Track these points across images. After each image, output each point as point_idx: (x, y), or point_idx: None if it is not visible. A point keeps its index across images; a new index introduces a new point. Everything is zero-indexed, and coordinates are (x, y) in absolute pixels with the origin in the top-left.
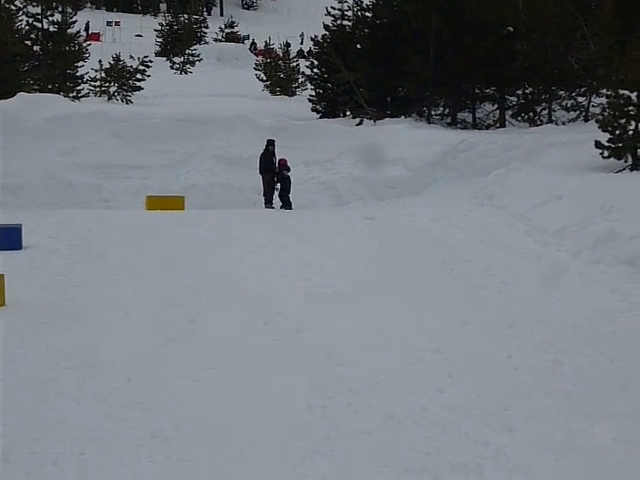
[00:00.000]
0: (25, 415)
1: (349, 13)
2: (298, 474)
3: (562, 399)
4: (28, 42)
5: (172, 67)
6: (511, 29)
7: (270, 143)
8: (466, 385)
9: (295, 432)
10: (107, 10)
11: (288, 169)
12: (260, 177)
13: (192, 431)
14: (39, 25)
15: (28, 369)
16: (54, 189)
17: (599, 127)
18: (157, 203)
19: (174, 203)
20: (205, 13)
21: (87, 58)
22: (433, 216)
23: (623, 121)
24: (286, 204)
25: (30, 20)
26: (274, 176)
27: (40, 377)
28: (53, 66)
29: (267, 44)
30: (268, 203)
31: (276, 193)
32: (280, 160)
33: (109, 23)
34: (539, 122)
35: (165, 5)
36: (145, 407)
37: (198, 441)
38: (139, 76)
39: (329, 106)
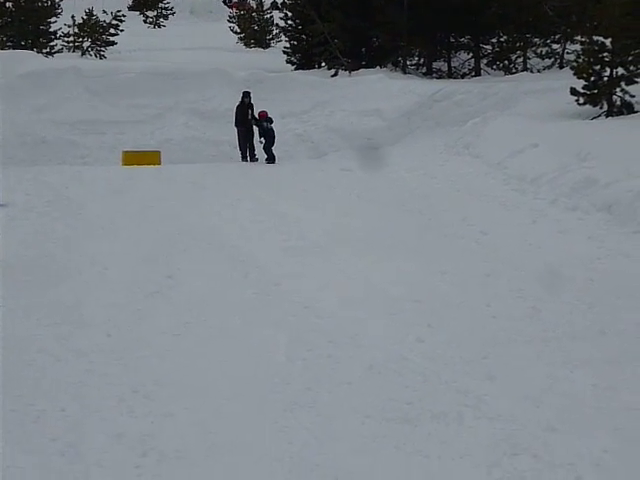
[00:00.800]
0: (5, 373)
1: None
2: (279, 426)
3: (541, 346)
4: None
5: (145, 21)
6: None
7: (245, 95)
8: (445, 334)
9: (275, 385)
10: None
11: (270, 120)
12: (235, 130)
13: (172, 386)
14: None
15: (8, 327)
16: (29, 146)
17: (574, 74)
18: (133, 158)
19: (150, 158)
20: None
21: (60, 14)
22: (409, 166)
23: (598, 67)
24: (270, 157)
25: None
26: (250, 129)
27: (20, 335)
28: (26, 22)
29: None
30: (244, 157)
31: (260, 146)
32: (260, 112)
33: None
34: (514, 70)
35: None
36: (125, 362)
37: (179, 395)
38: (112, 31)
39: (304, 58)
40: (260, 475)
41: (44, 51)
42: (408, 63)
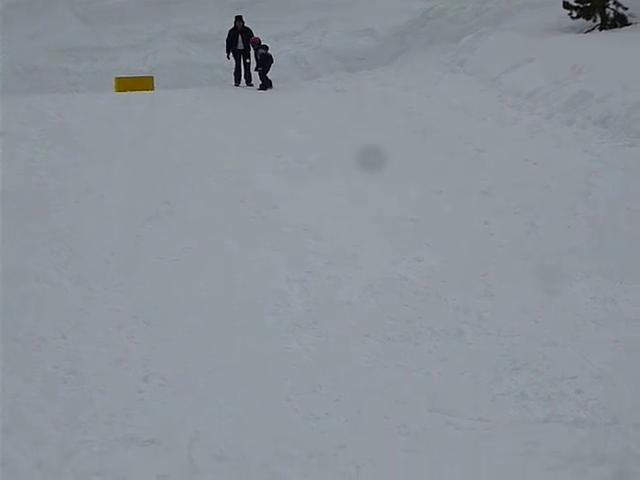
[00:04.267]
0: (5, 302)
1: None
2: (280, 347)
3: (540, 261)
4: None
5: None
6: None
7: (237, 19)
8: (443, 253)
9: (275, 306)
10: None
11: (265, 47)
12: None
13: (172, 310)
14: None
15: (6, 256)
16: (21, 75)
17: None
18: (126, 84)
19: (143, 83)
20: None
21: None
22: (404, 86)
23: None
24: (262, 84)
25: None
26: (242, 54)
27: (18, 264)
28: None
29: None
30: (235, 82)
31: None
32: (252, 39)
33: None
34: None
35: None
36: (124, 289)
37: (179, 320)
38: None
39: None
40: (262, 397)
41: None
42: None
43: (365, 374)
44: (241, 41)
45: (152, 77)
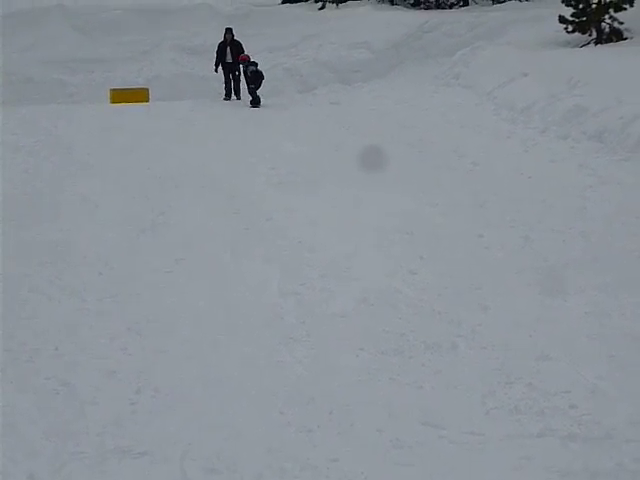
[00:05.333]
0: None
1: None
2: (274, 360)
3: (534, 275)
4: None
5: None
6: None
7: (226, 31)
8: (438, 266)
9: (269, 319)
10: None
11: (255, 64)
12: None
13: (166, 322)
14: None
15: None
16: (15, 86)
17: (562, 2)
18: (121, 96)
19: (138, 95)
20: None
21: None
22: (399, 98)
23: None
24: (253, 101)
25: None
26: (231, 67)
27: (12, 274)
28: None
29: None
30: (226, 95)
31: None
32: (241, 57)
33: None
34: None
35: None
36: (118, 300)
37: (172, 331)
38: None
39: None
40: (255, 409)
41: None
42: None
43: (358, 387)
44: (229, 54)
45: (147, 89)
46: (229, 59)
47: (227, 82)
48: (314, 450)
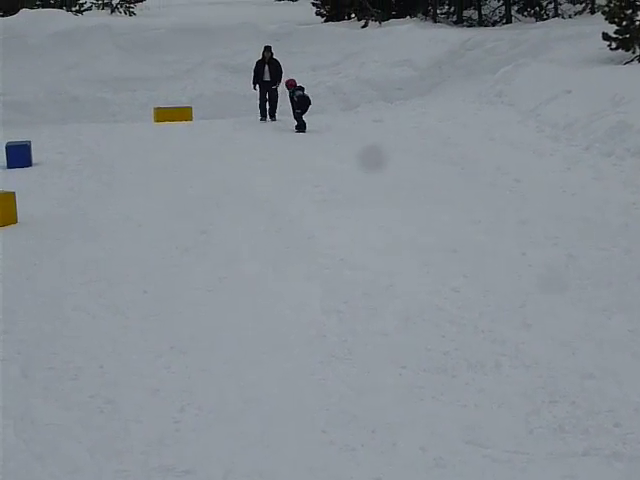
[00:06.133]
0: (42, 331)
1: None
2: (316, 378)
3: (578, 293)
4: None
5: None
6: None
7: (265, 49)
8: (481, 283)
9: (311, 337)
10: None
11: (302, 88)
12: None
13: (209, 340)
14: None
15: (43, 285)
16: (60, 104)
17: (606, 19)
18: (165, 115)
19: (182, 114)
20: None
21: None
22: (442, 116)
23: (630, 12)
24: (299, 125)
25: None
26: (268, 86)
27: (55, 293)
28: None
29: None
30: (262, 116)
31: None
32: (288, 81)
33: None
34: (545, 16)
35: None
36: (161, 318)
37: (215, 350)
38: None
39: (333, 9)
40: (298, 428)
41: (73, 9)
42: (438, 12)
43: (401, 406)
44: (268, 72)
45: (191, 107)
46: (267, 77)
47: (262, 102)
48: (357, 469)
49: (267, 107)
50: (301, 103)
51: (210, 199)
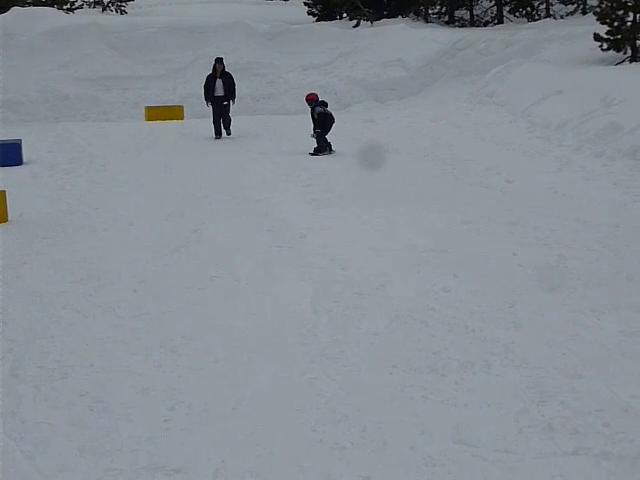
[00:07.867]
0: (32, 329)
1: None
2: (307, 378)
3: (568, 293)
4: None
5: None
6: None
7: (216, 62)
8: (471, 284)
9: (302, 337)
10: None
11: (324, 104)
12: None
13: (200, 339)
14: None
15: (34, 284)
16: (52, 103)
17: (597, 19)
18: (156, 113)
19: (173, 113)
20: None
21: None
22: (433, 116)
23: (621, 12)
24: (320, 148)
25: None
26: (220, 102)
27: (46, 291)
28: None
29: None
30: (216, 133)
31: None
32: (308, 96)
33: None
34: (537, 17)
35: None
36: (152, 317)
37: (206, 349)
38: None
39: (325, 9)
40: (288, 427)
41: (64, 7)
42: (430, 12)
43: (391, 405)
44: (221, 87)
45: (182, 106)
46: (219, 92)
47: (216, 118)
48: (347, 468)
49: (221, 123)
50: (322, 121)
51: (202, 198)
